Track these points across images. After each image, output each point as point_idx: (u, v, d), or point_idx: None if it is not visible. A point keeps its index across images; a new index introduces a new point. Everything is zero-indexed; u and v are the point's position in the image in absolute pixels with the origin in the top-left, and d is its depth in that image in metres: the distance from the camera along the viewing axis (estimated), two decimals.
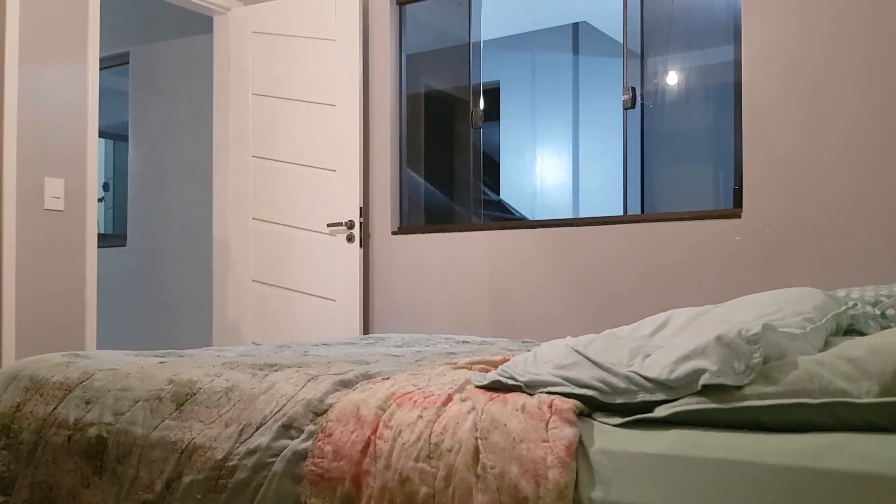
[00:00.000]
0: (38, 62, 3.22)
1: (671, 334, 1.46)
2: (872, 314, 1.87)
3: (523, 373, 1.20)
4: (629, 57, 3.62)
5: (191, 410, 1.34)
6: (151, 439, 1.32)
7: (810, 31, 2.92)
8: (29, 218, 3.16)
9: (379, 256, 3.90)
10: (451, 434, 1.11)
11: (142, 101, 5.19)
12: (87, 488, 1.35)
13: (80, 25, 3.38)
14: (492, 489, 1.03)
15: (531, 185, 6.50)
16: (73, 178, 3.34)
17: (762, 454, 0.95)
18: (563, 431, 1.05)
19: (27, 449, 1.43)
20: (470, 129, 4.47)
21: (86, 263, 3.38)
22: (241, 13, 4.14)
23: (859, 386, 0.98)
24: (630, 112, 3.65)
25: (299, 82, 3.94)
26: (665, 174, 4.01)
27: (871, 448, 0.92)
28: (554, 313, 3.43)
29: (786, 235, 2.95)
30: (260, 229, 4.04)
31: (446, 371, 1.41)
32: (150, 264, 5.03)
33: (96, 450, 1.37)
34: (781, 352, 1.13)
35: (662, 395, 1.07)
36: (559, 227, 3.47)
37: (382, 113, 3.94)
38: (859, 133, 2.83)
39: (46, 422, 1.43)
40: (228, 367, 1.52)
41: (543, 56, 6.42)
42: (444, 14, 4.41)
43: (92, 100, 3.43)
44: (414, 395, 1.22)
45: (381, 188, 3.93)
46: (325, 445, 1.18)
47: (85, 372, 1.51)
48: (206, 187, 4.46)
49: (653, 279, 3.20)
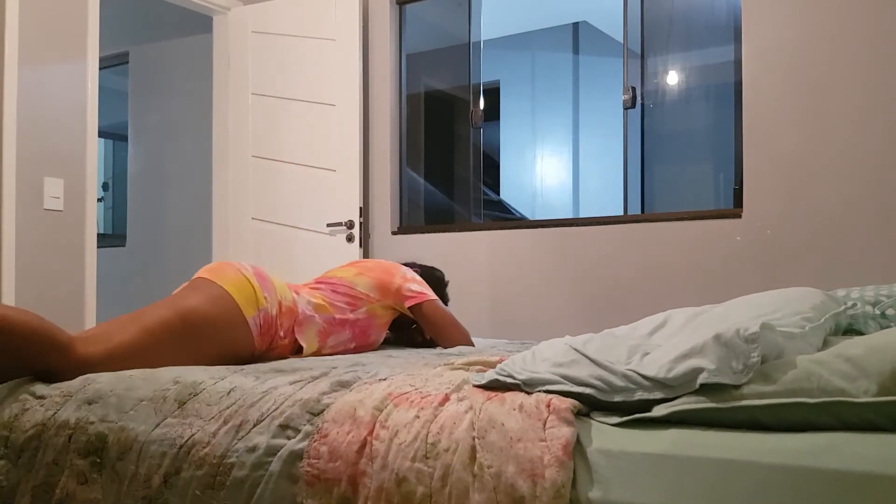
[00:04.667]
0: (38, 62, 3.22)
1: (670, 333, 1.46)
2: (872, 314, 1.86)
3: (521, 371, 1.20)
4: (629, 57, 3.62)
5: (192, 408, 1.34)
6: (152, 436, 1.32)
7: (810, 31, 2.91)
8: (28, 218, 3.16)
9: (379, 256, 3.90)
10: (447, 434, 1.10)
11: (141, 101, 5.19)
12: (85, 485, 1.35)
13: (80, 25, 3.38)
14: (488, 488, 1.03)
15: (531, 185, 6.50)
16: (73, 178, 3.34)
17: (760, 454, 0.95)
18: (560, 431, 1.04)
19: (28, 455, 1.43)
20: (470, 129, 4.47)
21: (85, 263, 3.38)
22: (240, 13, 4.14)
23: (858, 385, 0.98)
24: (630, 112, 3.65)
25: (299, 82, 3.94)
26: (665, 174, 4.01)
27: (870, 447, 0.91)
28: (554, 313, 3.43)
29: (786, 235, 2.95)
30: (260, 229, 4.04)
31: (443, 371, 1.41)
32: (149, 264, 5.03)
33: (96, 447, 1.36)
34: (780, 351, 1.13)
35: (660, 394, 1.07)
36: (559, 227, 3.47)
37: (382, 113, 3.94)
38: (859, 133, 2.83)
39: (46, 426, 1.43)
40: (233, 371, 1.53)
41: (543, 56, 6.42)
42: (444, 14, 4.41)
43: (91, 100, 3.43)
44: (411, 395, 1.22)
45: (381, 188, 3.93)
46: (321, 446, 1.18)
47: (86, 378, 1.51)
48: (205, 187, 4.45)
49: (653, 279, 3.20)
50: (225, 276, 1.88)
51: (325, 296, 2.10)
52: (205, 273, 1.92)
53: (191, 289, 1.87)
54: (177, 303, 1.79)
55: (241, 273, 1.91)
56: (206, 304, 1.80)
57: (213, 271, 1.92)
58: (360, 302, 2.12)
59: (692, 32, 3.88)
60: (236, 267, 1.95)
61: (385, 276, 2.17)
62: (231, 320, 1.83)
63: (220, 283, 1.86)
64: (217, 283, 1.86)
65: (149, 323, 1.70)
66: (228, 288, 1.86)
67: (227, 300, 1.84)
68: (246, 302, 1.86)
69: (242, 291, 1.87)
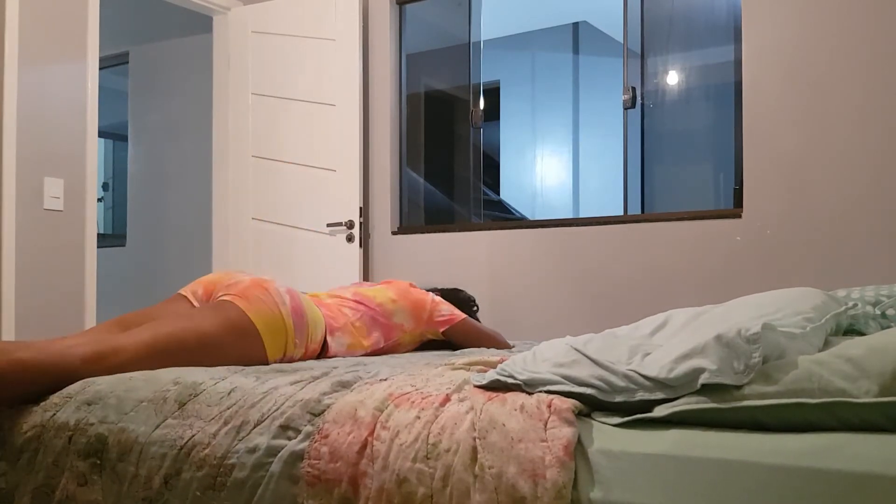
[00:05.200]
0: (38, 62, 3.22)
1: (671, 334, 1.46)
2: (872, 314, 1.86)
3: (522, 371, 1.19)
4: (629, 57, 3.62)
5: (192, 409, 1.34)
6: (153, 437, 1.32)
7: (810, 31, 2.91)
8: (28, 218, 3.16)
9: (379, 256, 3.90)
10: (448, 434, 1.10)
11: (141, 101, 5.19)
12: (85, 486, 1.35)
13: (80, 25, 3.38)
14: (489, 489, 1.03)
15: (531, 185, 6.50)
16: (73, 178, 3.34)
17: (761, 454, 0.95)
18: (561, 431, 1.04)
19: (27, 457, 1.42)
20: (470, 129, 4.46)
21: (85, 263, 3.37)
22: (240, 13, 4.14)
23: (858, 385, 0.98)
24: (630, 112, 3.64)
25: (299, 82, 3.93)
26: (665, 174, 4.01)
27: (871, 448, 0.91)
28: (554, 313, 3.43)
29: (786, 235, 2.94)
30: (260, 229, 4.03)
31: (444, 371, 1.41)
32: (149, 264, 5.03)
33: (96, 448, 1.36)
34: (781, 351, 1.13)
35: (661, 394, 1.07)
36: (559, 227, 3.47)
37: (382, 113, 3.94)
38: (859, 133, 2.82)
39: (46, 427, 1.43)
40: (233, 371, 1.53)
41: (543, 56, 6.42)
42: (444, 14, 4.41)
43: (91, 100, 3.42)
44: (412, 395, 1.22)
45: (381, 188, 3.92)
46: (322, 447, 1.18)
47: (86, 380, 1.51)
48: (205, 187, 4.45)
49: (653, 279, 3.20)
50: (259, 309, 1.72)
51: (364, 324, 2.01)
52: (239, 299, 1.73)
53: (216, 312, 1.70)
54: (197, 326, 1.65)
55: (277, 308, 1.75)
56: (228, 335, 1.66)
57: (247, 298, 1.74)
58: (395, 333, 2.10)
59: (692, 32, 3.88)
60: (273, 298, 1.77)
61: (418, 304, 2.16)
62: (251, 358, 1.71)
63: (251, 315, 1.70)
64: (248, 314, 1.70)
65: (164, 344, 1.60)
66: (259, 325, 1.71)
67: (253, 337, 1.69)
68: (274, 344, 1.73)
69: (273, 332, 1.72)
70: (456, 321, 2.20)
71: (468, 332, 2.22)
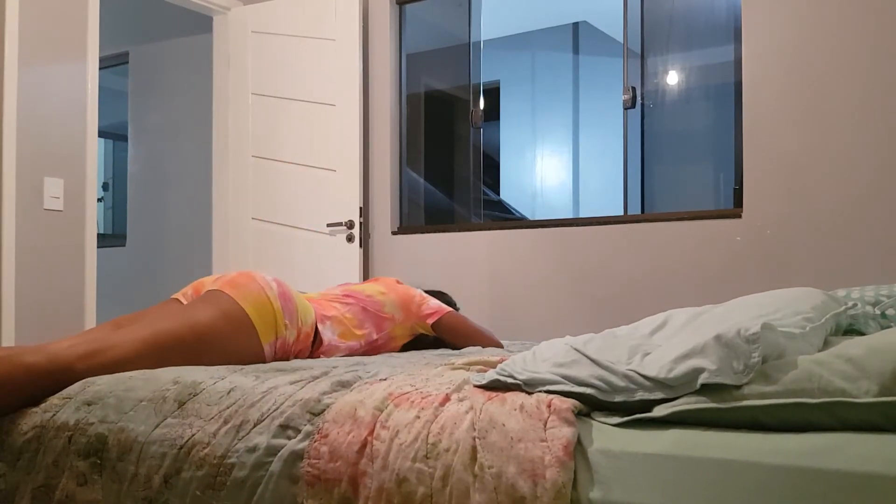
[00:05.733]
0: (38, 62, 3.22)
1: (670, 334, 1.46)
2: (872, 314, 1.86)
3: (522, 371, 1.19)
4: (629, 57, 3.62)
5: (192, 408, 1.34)
6: (152, 437, 1.32)
7: (810, 31, 2.91)
8: (28, 218, 3.16)
9: (379, 256, 3.90)
10: (448, 434, 1.10)
11: (141, 101, 5.19)
12: (85, 486, 1.35)
13: (80, 25, 3.38)
14: (489, 489, 1.03)
15: (531, 185, 6.50)
16: (73, 178, 3.34)
17: (761, 454, 0.95)
18: (561, 431, 1.04)
19: (27, 458, 1.42)
20: (470, 129, 4.46)
21: (85, 263, 3.37)
22: (240, 13, 4.14)
23: (858, 385, 0.98)
24: (630, 112, 3.64)
25: (299, 82, 3.94)
26: (665, 174, 4.01)
27: (870, 448, 0.91)
28: (554, 313, 3.43)
29: (786, 235, 2.94)
30: (260, 229, 4.03)
31: (444, 371, 1.41)
32: (149, 264, 5.03)
33: (96, 448, 1.36)
34: (780, 351, 1.13)
35: (661, 394, 1.07)
36: (559, 227, 3.47)
37: (382, 113, 3.94)
38: (859, 133, 2.83)
39: (45, 428, 1.43)
40: (233, 371, 1.53)
41: (543, 56, 6.42)
42: (444, 14, 4.41)
43: (91, 100, 3.43)
44: (411, 395, 1.22)
45: (381, 188, 3.92)
46: (322, 446, 1.18)
47: (85, 381, 1.51)
48: (205, 187, 4.45)
49: (653, 279, 3.20)
50: (246, 294, 1.75)
51: (355, 315, 2.04)
52: (226, 287, 1.77)
53: (205, 302, 1.73)
54: (189, 318, 1.67)
55: (263, 292, 1.77)
56: (220, 321, 1.68)
57: (233, 285, 1.77)
58: (386, 324, 2.12)
59: (692, 32, 3.88)
60: (259, 283, 1.80)
61: (406, 296, 2.20)
62: (245, 344, 1.72)
63: (239, 300, 1.73)
64: (236, 300, 1.73)
65: (158, 338, 1.61)
66: (248, 308, 1.72)
67: (243, 322, 1.71)
68: (264, 327, 1.74)
69: (262, 314, 1.74)
70: (443, 313, 2.22)
71: (456, 325, 2.23)
